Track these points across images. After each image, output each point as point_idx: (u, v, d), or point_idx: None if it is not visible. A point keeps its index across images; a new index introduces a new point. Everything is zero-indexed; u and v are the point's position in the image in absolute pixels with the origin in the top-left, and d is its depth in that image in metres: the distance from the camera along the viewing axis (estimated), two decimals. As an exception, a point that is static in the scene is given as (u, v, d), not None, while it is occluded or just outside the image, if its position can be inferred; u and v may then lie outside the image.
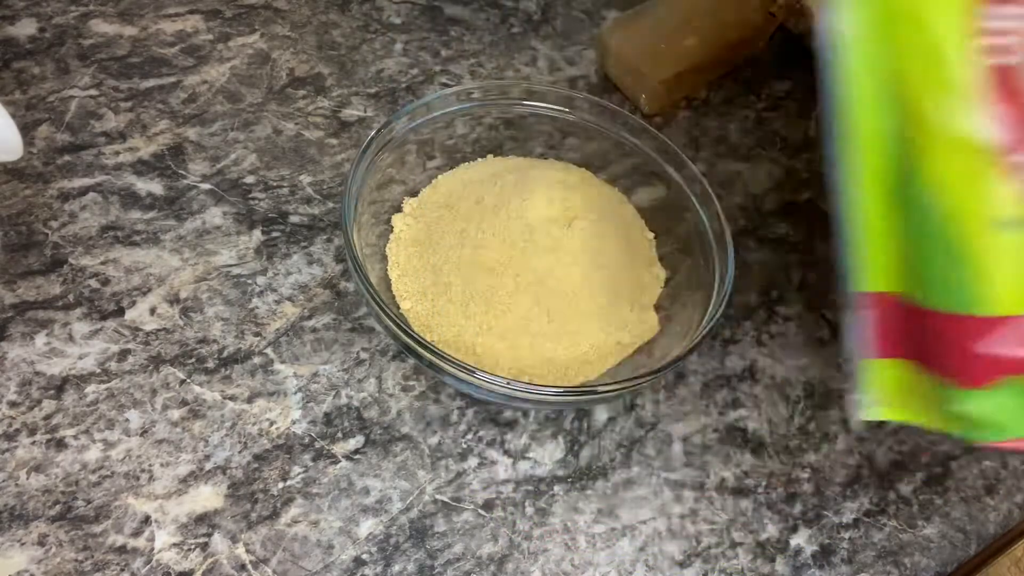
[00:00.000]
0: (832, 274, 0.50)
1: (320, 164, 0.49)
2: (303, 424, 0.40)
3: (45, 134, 0.47)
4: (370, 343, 0.43)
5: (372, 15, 0.57)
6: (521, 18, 0.59)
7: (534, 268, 0.41)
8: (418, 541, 0.38)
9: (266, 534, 0.37)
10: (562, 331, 0.41)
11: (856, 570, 0.40)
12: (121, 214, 0.45)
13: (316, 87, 0.52)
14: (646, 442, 0.42)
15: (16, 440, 0.37)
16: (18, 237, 0.43)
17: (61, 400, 0.39)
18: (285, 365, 0.41)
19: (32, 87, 0.48)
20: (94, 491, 0.37)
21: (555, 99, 0.47)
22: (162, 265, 0.43)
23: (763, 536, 0.40)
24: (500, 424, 0.41)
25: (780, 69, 0.61)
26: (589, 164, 0.49)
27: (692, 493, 0.41)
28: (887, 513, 0.42)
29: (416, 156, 0.46)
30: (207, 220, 0.45)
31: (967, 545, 0.42)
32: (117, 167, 0.46)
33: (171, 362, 0.40)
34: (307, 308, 0.43)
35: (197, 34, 0.53)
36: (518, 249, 0.41)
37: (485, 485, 0.40)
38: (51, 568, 0.35)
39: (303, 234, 0.46)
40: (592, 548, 0.39)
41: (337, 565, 0.36)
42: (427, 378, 0.42)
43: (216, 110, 0.50)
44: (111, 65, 0.50)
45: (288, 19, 0.55)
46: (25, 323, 0.40)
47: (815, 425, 0.44)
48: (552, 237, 0.42)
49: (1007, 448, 0.38)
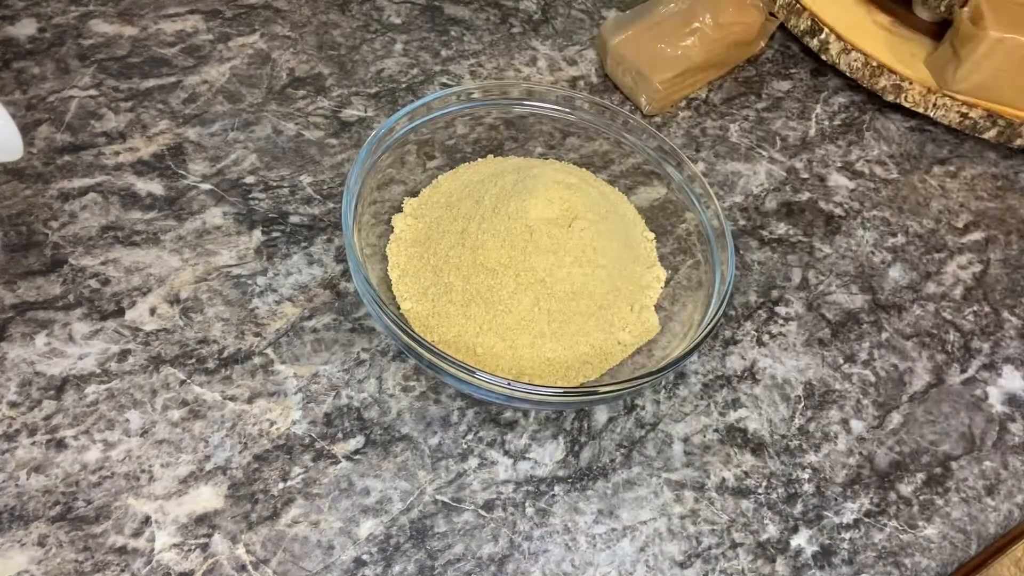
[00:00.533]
0: (832, 274, 0.50)
1: (320, 164, 0.49)
2: (303, 424, 0.40)
3: (45, 134, 0.47)
4: (370, 343, 0.43)
5: (372, 15, 0.57)
6: (521, 18, 0.59)
7: (534, 268, 0.41)
8: (418, 541, 0.38)
9: (266, 535, 0.37)
10: (562, 331, 0.41)
11: (857, 571, 0.40)
12: (121, 214, 0.45)
13: (316, 87, 0.52)
14: (646, 442, 0.42)
15: (16, 440, 0.37)
16: (18, 237, 0.43)
17: (61, 400, 0.38)
18: (285, 365, 0.41)
19: (32, 87, 0.48)
20: (94, 492, 0.37)
21: (555, 99, 0.47)
22: (162, 265, 0.43)
23: (763, 536, 0.40)
24: (500, 424, 0.41)
25: (780, 69, 0.61)
26: (589, 164, 0.49)
27: (692, 493, 0.41)
28: (887, 514, 0.42)
29: (416, 156, 0.45)
30: (207, 220, 0.45)
31: (967, 545, 0.42)
32: (117, 167, 0.46)
33: (171, 362, 0.40)
34: (307, 308, 0.43)
35: (197, 34, 0.53)
36: (518, 249, 0.41)
37: (485, 485, 0.39)
38: (51, 569, 0.34)
39: (303, 234, 0.46)
40: (592, 548, 0.39)
41: (337, 566, 0.36)
42: (427, 378, 0.42)
43: (216, 110, 0.50)
44: (111, 65, 0.50)
45: (288, 19, 0.55)
46: (25, 323, 0.40)
47: (815, 425, 0.44)
48: (552, 237, 0.42)
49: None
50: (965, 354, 0.48)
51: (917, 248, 0.53)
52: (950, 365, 0.48)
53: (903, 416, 0.45)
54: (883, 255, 0.52)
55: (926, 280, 0.51)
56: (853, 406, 0.45)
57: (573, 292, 0.41)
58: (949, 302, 0.50)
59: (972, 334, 0.49)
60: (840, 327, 0.48)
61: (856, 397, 0.45)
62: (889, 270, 0.51)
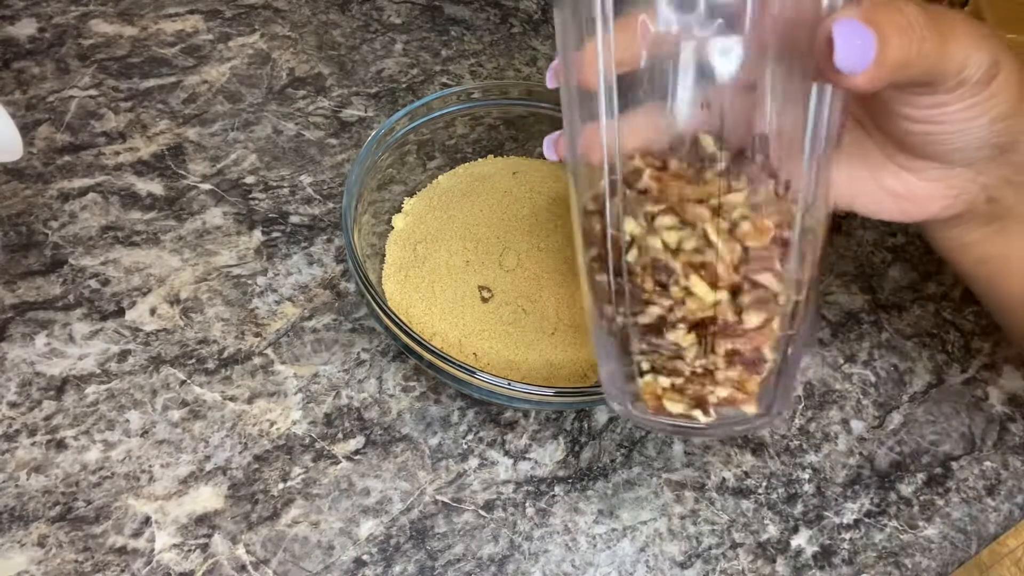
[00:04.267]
0: (832, 274, 0.50)
1: (320, 164, 0.49)
2: (303, 425, 0.40)
3: (45, 134, 0.47)
4: (370, 344, 0.43)
5: (372, 15, 0.57)
6: (521, 18, 0.59)
7: (534, 268, 0.41)
8: (419, 542, 0.38)
9: (266, 535, 0.37)
10: (562, 332, 0.41)
11: (857, 571, 0.40)
12: (121, 214, 0.45)
13: (316, 87, 0.52)
14: (646, 442, 0.42)
15: (16, 441, 0.37)
16: (18, 237, 0.43)
17: (61, 401, 0.38)
18: (285, 366, 0.41)
19: (32, 87, 0.48)
20: (94, 492, 0.37)
21: (555, 99, 0.47)
22: (162, 265, 0.43)
23: (764, 537, 0.40)
24: (501, 425, 0.41)
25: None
26: (589, 164, 0.49)
27: (693, 494, 0.41)
28: (888, 514, 0.42)
29: (416, 156, 0.45)
30: (207, 220, 0.45)
31: (968, 546, 0.42)
32: (117, 167, 0.46)
33: (171, 363, 0.40)
34: (307, 308, 0.43)
35: (197, 34, 0.53)
36: (519, 249, 0.41)
37: (486, 486, 0.39)
38: (51, 569, 0.34)
39: (303, 234, 0.46)
40: (593, 549, 0.39)
41: (338, 566, 0.36)
42: (427, 379, 0.42)
43: (216, 110, 0.50)
44: (111, 65, 0.50)
45: (288, 19, 0.55)
46: (25, 323, 0.40)
47: (815, 425, 0.44)
48: (553, 237, 0.42)
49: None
50: (965, 354, 0.48)
51: (917, 248, 0.53)
52: (950, 365, 0.48)
53: (903, 416, 0.45)
54: (883, 255, 0.52)
55: (926, 280, 0.51)
56: (853, 406, 0.45)
57: (573, 293, 0.41)
58: (949, 302, 0.50)
59: (972, 334, 0.49)
60: (840, 327, 0.48)
61: (856, 397, 0.45)
62: (889, 270, 0.51)
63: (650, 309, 0.28)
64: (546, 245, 0.42)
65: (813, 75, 0.26)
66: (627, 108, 0.28)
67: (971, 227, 0.33)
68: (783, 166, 0.28)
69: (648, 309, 0.28)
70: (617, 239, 0.28)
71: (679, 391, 0.29)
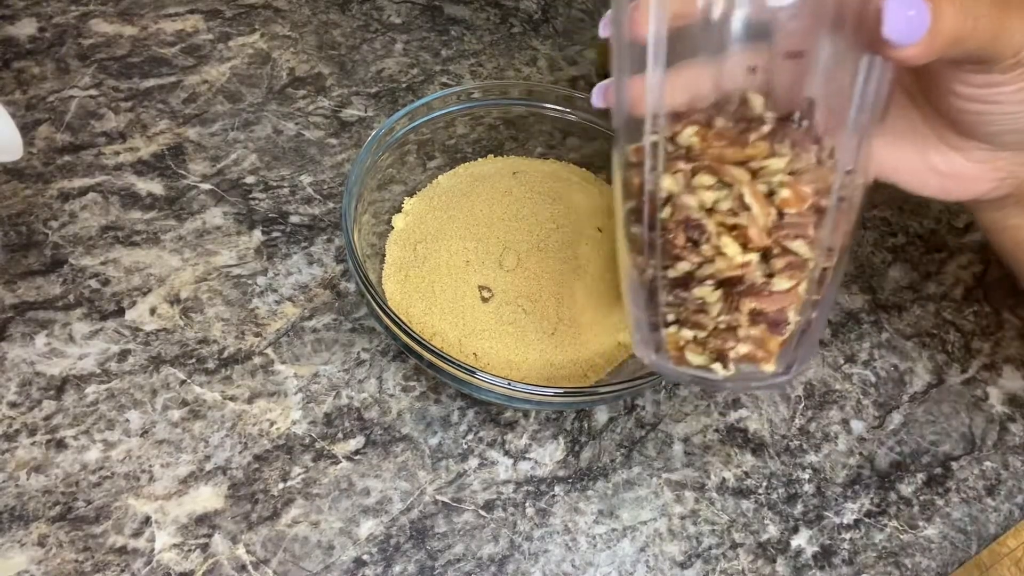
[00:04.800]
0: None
1: (320, 164, 0.49)
2: (303, 424, 0.40)
3: (45, 134, 0.47)
4: (370, 343, 0.43)
5: (372, 15, 0.57)
6: (521, 18, 0.59)
7: (534, 268, 0.41)
8: (419, 542, 0.38)
9: (267, 535, 0.37)
10: (563, 331, 0.41)
11: (857, 571, 0.40)
12: (121, 214, 0.45)
13: (316, 87, 0.52)
14: (646, 443, 0.42)
15: (16, 440, 0.37)
16: (18, 237, 0.43)
17: (61, 400, 0.38)
18: (285, 365, 0.41)
19: (32, 87, 0.48)
20: (94, 492, 0.37)
21: (555, 99, 0.47)
22: (162, 265, 0.43)
23: (764, 537, 0.40)
24: (501, 425, 0.41)
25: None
26: (589, 164, 0.49)
27: (693, 494, 0.41)
28: (888, 514, 0.42)
29: (416, 156, 0.45)
30: (207, 220, 0.45)
31: (968, 546, 0.42)
32: (117, 167, 0.46)
33: (171, 362, 0.40)
34: (307, 308, 0.43)
35: (197, 34, 0.53)
36: (519, 250, 0.41)
37: (486, 486, 0.39)
38: (51, 569, 0.34)
39: (303, 234, 0.46)
40: (593, 549, 0.39)
41: (338, 566, 0.36)
42: (427, 378, 0.42)
43: (216, 110, 0.50)
44: (111, 65, 0.50)
45: (288, 19, 0.55)
46: (25, 323, 0.40)
47: (815, 425, 0.44)
48: (553, 237, 0.42)
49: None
50: (965, 354, 0.48)
51: (917, 248, 0.53)
52: (950, 365, 0.48)
53: (903, 416, 0.45)
54: (883, 255, 0.52)
55: (926, 280, 0.51)
56: (853, 406, 0.45)
57: (573, 292, 0.41)
58: (949, 302, 0.50)
59: (972, 334, 0.49)
60: (840, 327, 0.48)
61: (856, 397, 0.45)
62: (889, 270, 0.51)
63: (679, 264, 0.28)
64: (546, 245, 0.42)
65: (863, 45, 0.26)
66: (675, 63, 0.27)
67: (1015, 211, 0.32)
68: (827, 133, 0.28)
69: (677, 264, 0.28)
70: (654, 194, 0.28)
71: (701, 344, 0.29)
